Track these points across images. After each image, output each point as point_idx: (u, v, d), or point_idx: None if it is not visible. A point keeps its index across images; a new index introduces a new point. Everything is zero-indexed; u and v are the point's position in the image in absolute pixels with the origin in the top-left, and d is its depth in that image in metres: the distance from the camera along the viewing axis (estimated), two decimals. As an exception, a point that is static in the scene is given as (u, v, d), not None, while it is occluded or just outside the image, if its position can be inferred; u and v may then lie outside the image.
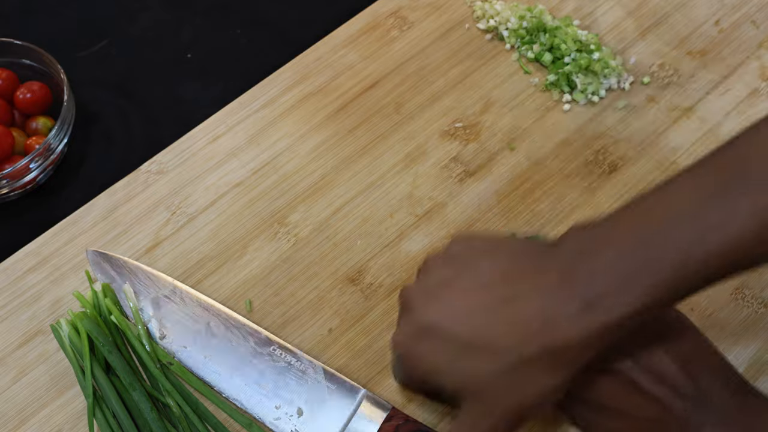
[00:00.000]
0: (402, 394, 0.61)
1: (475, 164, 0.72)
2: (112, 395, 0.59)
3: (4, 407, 0.62)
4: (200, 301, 0.63)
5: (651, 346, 0.50)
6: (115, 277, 0.64)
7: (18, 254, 0.68)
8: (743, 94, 0.75)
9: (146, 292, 0.63)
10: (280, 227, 0.69)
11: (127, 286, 0.64)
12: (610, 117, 0.74)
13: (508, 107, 0.75)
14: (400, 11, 0.81)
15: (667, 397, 0.49)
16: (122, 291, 0.63)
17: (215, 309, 0.63)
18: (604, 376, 0.51)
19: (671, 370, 0.50)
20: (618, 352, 0.50)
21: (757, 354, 0.62)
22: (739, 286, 0.65)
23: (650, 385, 0.50)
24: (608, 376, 0.51)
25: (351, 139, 0.73)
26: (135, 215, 0.70)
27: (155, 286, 0.64)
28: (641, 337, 0.51)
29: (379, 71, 0.77)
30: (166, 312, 0.63)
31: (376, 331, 0.64)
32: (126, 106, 0.79)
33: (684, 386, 0.49)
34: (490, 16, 0.79)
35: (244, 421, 0.60)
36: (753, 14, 0.79)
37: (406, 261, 0.67)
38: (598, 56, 0.75)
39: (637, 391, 0.50)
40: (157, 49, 0.82)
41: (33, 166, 0.70)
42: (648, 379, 0.50)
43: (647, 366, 0.50)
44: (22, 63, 0.76)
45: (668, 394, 0.49)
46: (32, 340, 0.64)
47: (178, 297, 0.63)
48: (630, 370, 0.50)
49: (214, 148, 0.73)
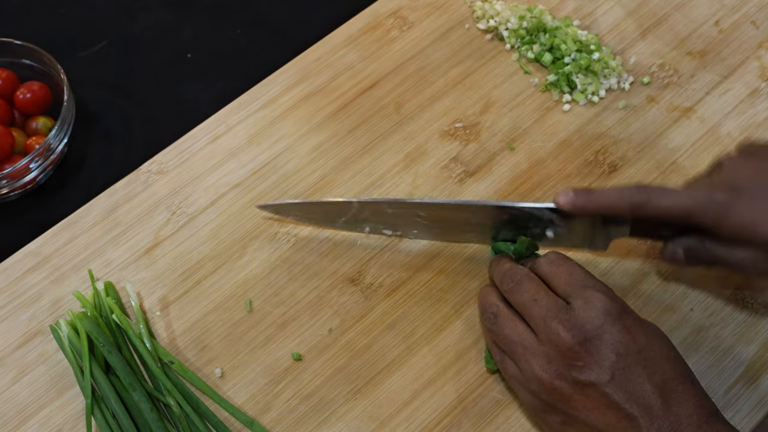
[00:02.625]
0: (401, 396, 0.61)
1: (475, 164, 0.72)
2: (112, 395, 0.59)
3: (4, 407, 0.62)
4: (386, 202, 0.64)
5: (631, 364, 0.51)
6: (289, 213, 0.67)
7: (18, 254, 0.68)
8: (743, 94, 0.75)
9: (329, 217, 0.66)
10: (280, 227, 0.69)
11: (129, 285, 0.64)
12: (610, 117, 0.74)
13: (508, 107, 0.75)
14: (400, 11, 0.81)
15: (638, 416, 0.50)
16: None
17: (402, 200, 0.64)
18: (580, 388, 0.52)
19: (646, 389, 0.50)
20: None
21: (757, 354, 0.62)
22: (739, 286, 0.65)
23: (624, 401, 0.50)
24: (584, 389, 0.51)
25: (351, 139, 0.73)
26: (135, 215, 0.70)
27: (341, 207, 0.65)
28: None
29: (379, 71, 0.77)
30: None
31: (376, 331, 0.64)
32: (126, 106, 0.79)
33: (656, 408, 0.50)
34: (490, 16, 0.79)
35: (245, 420, 0.60)
36: (753, 14, 0.80)
37: (406, 261, 0.67)
38: (598, 56, 0.75)
39: (610, 406, 0.51)
40: (157, 49, 0.82)
41: (33, 166, 0.70)
42: (622, 397, 0.50)
43: (624, 383, 0.51)
44: (22, 63, 0.76)
45: (640, 414, 0.50)
46: (32, 340, 0.64)
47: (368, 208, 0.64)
48: (606, 384, 0.51)
49: (214, 148, 0.73)
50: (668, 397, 0.50)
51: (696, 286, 0.65)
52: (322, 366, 0.63)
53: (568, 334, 0.52)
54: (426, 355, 0.63)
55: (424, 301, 0.65)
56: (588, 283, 0.55)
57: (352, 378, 0.62)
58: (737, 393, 0.61)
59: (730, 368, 0.62)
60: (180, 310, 0.65)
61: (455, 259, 0.67)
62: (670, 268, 0.66)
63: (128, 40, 0.83)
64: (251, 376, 0.63)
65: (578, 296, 0.54)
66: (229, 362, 0.63)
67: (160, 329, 0.65)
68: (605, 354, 0.51)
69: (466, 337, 0.64)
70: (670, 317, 0.64)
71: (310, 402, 0.62)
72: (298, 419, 0.61)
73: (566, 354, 0.52)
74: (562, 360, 0.52)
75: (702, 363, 0.62)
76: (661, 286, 0.65)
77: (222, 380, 0.63)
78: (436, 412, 0.61)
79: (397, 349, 0.63)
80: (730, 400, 0.61)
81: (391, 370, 0.62)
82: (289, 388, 0.62)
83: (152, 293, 0.66)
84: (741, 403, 0.61)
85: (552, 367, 0.53)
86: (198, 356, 0.64)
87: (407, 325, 0.64)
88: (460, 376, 0.62)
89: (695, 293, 0.65)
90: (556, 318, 0.53)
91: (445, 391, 0.62)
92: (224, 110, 0.75)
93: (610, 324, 0.52)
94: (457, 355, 0.63)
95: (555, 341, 0.52)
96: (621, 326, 0.52)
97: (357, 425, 0.61)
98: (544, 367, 0.53)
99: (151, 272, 0.67)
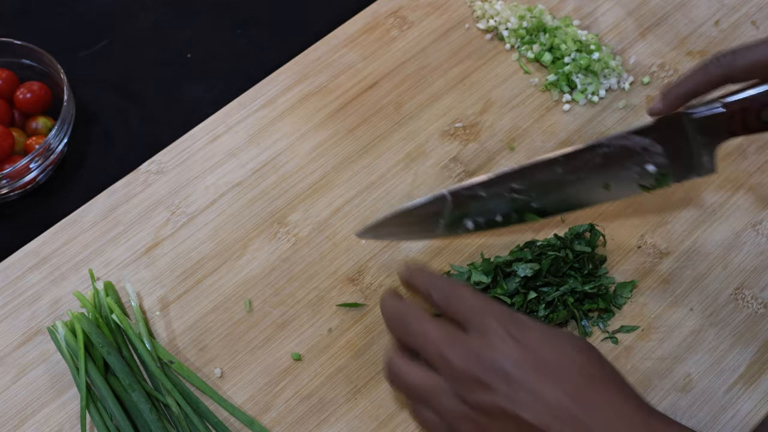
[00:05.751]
0: (400, 396, 0.61)
1: (475, 164, 0.72)
2: (109, 397, 0.59)
3: (3, 407, 0.62)
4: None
5: (537, 380, 0.49)
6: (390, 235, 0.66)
7: (18, 254, 0.68)
8: (743, 94, 0.75)
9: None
10: (280, 227, 0.69)
11: (129, 285, 0.64)
12: (610, 117, 0.74)
13: (508, 107, 0.75)
14: (400, 11, 0.81)
15: (555, 429, 0.47)
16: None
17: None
18: (492, 415, 0.49)
19: (557, 401, 0.48)
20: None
21: (757, 354, 0.62)
22: (739, 286, 0.65)
23: (535, 418, 0.47)
24: (495, 415, 0.48)
25: (351, 138, 0.73)
26: (135, 215, 0.70)
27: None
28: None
29: (379, 71, 0.77)
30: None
31: (376, 331, 0.64)
32: (126, 106, 0.79)
33: (571, 417, 0.47)
34: (490, 16, 0.79)
35: (245, 419, 0.60)
36: (753, 14, 0.79)
37: (406, 261, 0.67)
38: (598, 56, 0.75)
39: (523, 426, 0.48)
40: (157, 49, 0.82)
41: (33, 166, 0.70)
42: (533, 414, 0.48)
43: (531, 400, 0.48)
44: (22, 63, 0.76)
45: (556, 427, 0.47)
46: (32, 339, 0.64)
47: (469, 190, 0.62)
48: (512, 405, 0.48)
49: (213, 148, 0.73)
50: (584, 403, 0.48)
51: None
52: (321, 366, 0.63)
53: (466, 363, 0.49)
54: (426, 355, 0.63)
55: (424, 301, 0.65)
56: (484, 307, 0.52)
57: (351, 378, 0.62)
58: (737, 393, 0.61)
59: (730, 368, 0.62)
60: (180, 309, 0.65)
61: (455, 258, 0.67)
62: (670, 268, 0.66)
63: (128, 40, 0.83)
64: (251, 376, 0.63)
65: (476, 323, 0.51)
66: (229, 362, 0.63)
67: (159, 329, 0.65)
68: (510, 377, 0.48)
69: (466, 337, 0.64)
70: (670, 317, 0.64)
71: (310, 402, 0.62)
72: (298, 419, 0.61)
73: (471, 383, 0.49)
74: (468, 390, 0.49)
75: (702, 363, 0.62)
76: (661, 286, 0.65)
77: (222, 380, 0.63)
78: (435, 412, 0.61)
79: (397, 349, 0.63)
80: (730, 400, 0.61)
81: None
82: (289, 388, 0.62)
83: (152, 293, 0.66)
84: (741, 403, 0.61)
85: (459, 400, 0.50)
86: (197, 356, 0.64)
87: (407, 325, 0.64)
88: (460, 376, 0.62)
89: (695, 293, 0.65)
90: (451, 348, 0.50)
91: (444, 391, 0.62)
92: (224, 110, 0.75)
93: (511, 347, 0.49)
94: (456, 355, 0.63)
95: (453, 372, 0.50)
96: (521, 344, 0.49)
97: (357, 425, 0.61)
98: (452, 403, 0.50)
99: (150, 272, 0.67)
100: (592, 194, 0.63)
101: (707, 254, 0.67)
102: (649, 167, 0.58)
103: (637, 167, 0.59)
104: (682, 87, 0.56)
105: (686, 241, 0.67)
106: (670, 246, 0.67)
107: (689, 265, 0.66)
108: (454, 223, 0.64)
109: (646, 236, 0.67)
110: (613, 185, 0.61)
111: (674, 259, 0.67)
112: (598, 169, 0.60)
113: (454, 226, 0.64)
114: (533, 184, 0.61)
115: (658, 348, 0.63)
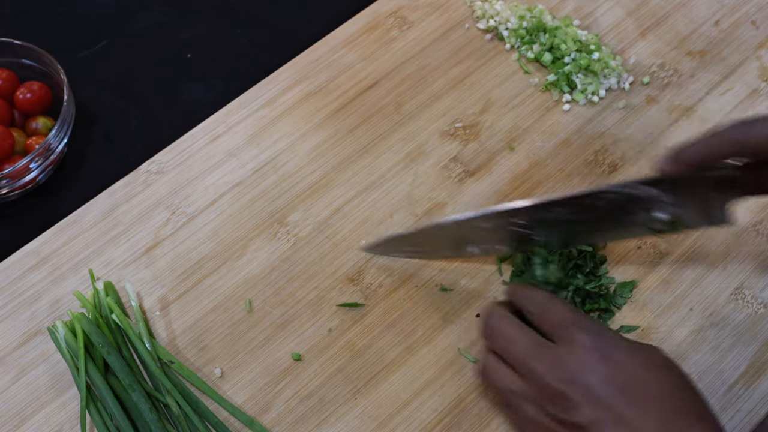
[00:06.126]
0: (400, 396, 0.61)
1: (475, 164, 0.72)
2: (109, 397, 0.59)
3: (3, 407, 0.62)
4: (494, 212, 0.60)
5: (623, 402, 0.49)
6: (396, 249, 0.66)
7: (18, 254, 0.68)
8: (743, 94, 0.75)
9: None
10: (280, 227, 0.69)
11: (129, 285, 0.64)
12: (610, 117, 0.74)
13: (508, 107, 0.75)
14: (400, 11, 0.81)
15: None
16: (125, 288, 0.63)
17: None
18: (573, 431, 0.50)
19: (642, 428, 0.48)
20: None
21: (757, 354, 0.62)
22: (739, 286, 0.65)
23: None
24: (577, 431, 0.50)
25: (351, 138, 0.73)
26: (135, 215, 0.70)
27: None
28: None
29: (379, 71, 0.77)
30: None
31: (376, 331, 0.64)
32: (126, 106, 0.79)
33: None
34: (490, 16, 0.79)
35: (245, 419, 0.60)
36: (753, 14, 0.79)
37: (406, 261, 0.67)
38: (598, 56, 0.75)
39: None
40: (157, 49, 0.82)
41: (33, 166, 0.70)
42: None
43: (616, 423, 0.49)
44: (22, 63, 0.76)
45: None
46: (32, 339, 0.64)
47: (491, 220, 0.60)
48: (598, 425, 0.49)
49: (213, 148, 0.73)
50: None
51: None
52: (321, 366, 0.63)
53: (550, 374, 0.50)
54: (425, 355, 0.63)
55: (424, 301, 0.65)
56: (576, 322, 0.53)
57: (351, 378, 0.62)
58: (737, 393, 0.61)
59: (730, 368, 0.62)
60: (180, 309, 0.65)
61: (455, 258, 0.67)
62: (670, 268, 0.66)
63: (128, 40, 0.83)
64: (251, 376, 0.63)
65: (564, 335, 0.52)
66: (229, 362, 0.63)
67: (159, 329, 0.65)
68: (594, 394, 0.49)
69: (466, 337, 0.64)
70: (670, 317, 0.64)
71: (310, 402, 0.62)
72: (298, 419, 0.61)
73: (553, 396, 0.50)
74: (550, 403, 0.50)
75: (702, 363, 0.62)
76: (661, 286, 0.65)
77: (221, 380, 0.63)
78: (435, 412, 0.61)
79: (397, 349, 0.63)
80: (730, 400, 0.61)
81: (390, 370, 0.62)
82: (289, 388, 0.62)
83: (152, 293, 0.66)
84: (741, 403, 0.60)
85: (542, 411, 0.51)
86: (197, 356, 0.64)
87: (407, 325, 0.64)
88: (460, 377, 0.62)
89: (695, 293, 0.65)
90: (536, 358, 0.51)
91: (444, 391, 0.62)
92: (224, 110, 0.75)
93: (598, 361, 0.50)
94: (456, 355, 0.63)
95: (536, 380, 0.51)
96: (610, 363, 0.50)
97: (357, 425, 0.61)
98: (534, 412, 0.51)
99: (150, 272, 0.67)
100: (598, 236, 0.64)
101: (707, 254, 0.67)
102: (659, 214, 0.57)
103: (644, 213, 0.57)
104: (692, 153, 0.53)
105: (686, 241, 0.67)
106: (670, 246, 0.67)
107: (689, 265, 0.66)
108: (458, 248, 0.65)
109: (646, 236, 0.67)
110: (622, 230, 0.61)
111: (674, 259, 0.67)
112: (605, 216, 0.59)
113: (459, 250, 0.66)
114: (536, 220, 0.61)
115: (658, 348, 0.63)
